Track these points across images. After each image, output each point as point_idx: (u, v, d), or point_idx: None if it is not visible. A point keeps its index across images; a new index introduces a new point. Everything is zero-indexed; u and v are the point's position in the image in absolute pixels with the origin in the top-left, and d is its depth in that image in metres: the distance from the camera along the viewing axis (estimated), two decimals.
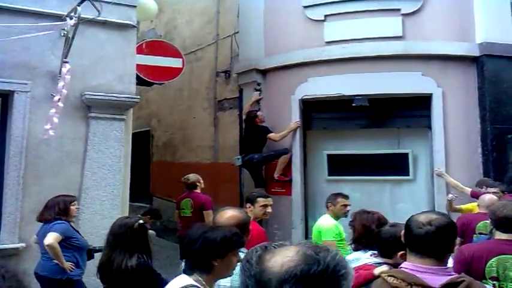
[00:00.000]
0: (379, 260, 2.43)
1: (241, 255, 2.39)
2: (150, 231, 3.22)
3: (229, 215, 2.47)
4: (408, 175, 6.23)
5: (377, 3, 6.27)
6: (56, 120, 4.18)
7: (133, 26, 5.07)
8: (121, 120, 4.90)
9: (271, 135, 6.45)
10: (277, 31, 6.89)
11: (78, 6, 4.16)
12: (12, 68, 4.43)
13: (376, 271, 2.18)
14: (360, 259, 2.56)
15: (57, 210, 3.82)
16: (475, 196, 5.55)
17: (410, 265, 1.86)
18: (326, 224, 4.34)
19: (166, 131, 10.30)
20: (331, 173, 6.55)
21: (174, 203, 6.43)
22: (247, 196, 3.96)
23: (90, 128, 4.73)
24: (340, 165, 6.54)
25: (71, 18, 4.28)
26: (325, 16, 6.49)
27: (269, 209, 3.74)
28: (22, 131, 4.42)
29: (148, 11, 6.50)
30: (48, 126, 4.17)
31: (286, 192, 6.52)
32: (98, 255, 3.36)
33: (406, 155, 6.25)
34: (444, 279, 1.76)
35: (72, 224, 3.97)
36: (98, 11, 4.45)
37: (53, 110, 4.15)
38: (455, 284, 1.73)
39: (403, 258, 2.05)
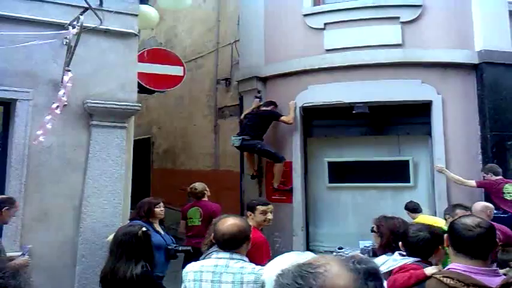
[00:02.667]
0: (416, 258, 2.54)
1: (217, 260, 2.41)
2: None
3: (230, 222, 2.48)
4: (409, 182, 6.24)
5: (376, 12, 6.32)
6: (49, 126, 4.18)
7: (135, 35, 5.10)
8: (122, 128, 4.91)
9: (283, 118, 6.44)
10: (277, 39, 6.94)
11: (81, 15, 4.20)
12: (14, 76, 4.45)
13: (428, 271, 2.26)
14: (396, 260, 2.64)
15: (142, 212, 4.07)
16: (481, 186, 5.60)
17: (462, 266, 1.94)
18: None
19: (167, 139, 10.33)
20: (332, 180, 6.56)
21: (175, 210, 6.43)
22: (247, 204, 3.97)
23: (91, 135, 4.74)
24: (341, 173, 6.55)
25: (74, 27, 4.31)
26: (325, 24, 6.53)
27: (270, 216, 3.76)
28: (24, 139, 4.43)
29: (149, 19, 6.52)
30: (39, 132, 4.17)
31: (287, 199, 6.52)
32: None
33: (406, 162, 6.27)
34: (497, 280, 1.84)
35: (154, 224, 4.12)
36: (100, 19, 4.50)
37: (49, 117, 4.15)
38: (509, 284, 1.79)
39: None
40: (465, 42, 6.24)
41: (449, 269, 1.99)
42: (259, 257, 3.21)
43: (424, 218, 4.78)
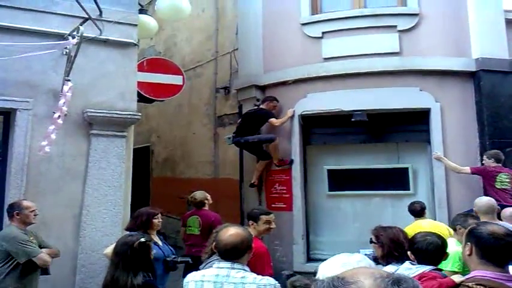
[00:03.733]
0: (431, 266, 2.57)
1: (218, 269, 2.41)
2: None
3: (232, 232, 2.49)
4: (409, 189, 6.24)
5: (373, 20, 6.37)
6: (53, 137, 4.20)
7: (135, 44, 5.13)
8: (122, 137, 4.93)
9: (272, 120, 6.49)
10: (275, 48, 6.98)
11: (81, 25, 4.23)
12: (14, 86, 4.47)
13: (456, 279, 2.31)
14: (411, 269, 2.62)
15: (139, 222, 3.88)
16: (476, 172, 5.63)
17: (491, 274, 1.95)
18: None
19: (166, 147, 10.34)
20: (331, 188, 6.56)
21: (174, 218, 6.43)
22: (248, 213, 3.95)
23: (91, 145, 4.76)
24: (341, 180, 6.55)
25: (73, 37, 4.34)
26: (323, 33, 6.58)
27: (273, 225, 3.76)
28: (24, 149, 4.44)
29: (148, 29, 6.57)
30: (44, 143, 4.19)
31: (287, 207, 6.52)
32: None
33: (406, 170, 6.28)
34: None
35: (152, 235, 3.95)
36: (100, 30, 4.54)
37: (52, 127, 4.18)
38: None
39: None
40: (462, 50, 6.28)
41: (475, 276, 2.00)
42: (261, 266, 3.22)
43: (431, 223, 4.76)
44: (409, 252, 2.68)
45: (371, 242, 3.12)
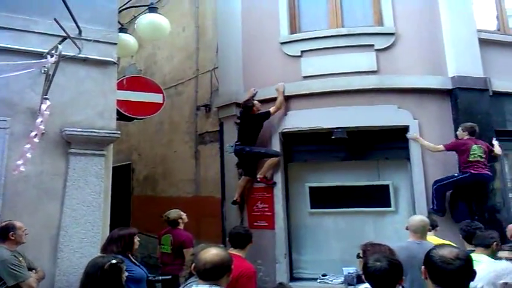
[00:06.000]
0: None
1: None
2: None
3: (212, 252, 2.45)
4: (390, 206, 6.29)
5: (351, 40, 6.49)
6: (29, 155, 4.13)
7: (114, 63, 5.11)
8: (101, 156, 4.86)
9: (272, 109, 6.46)
10: (255, 66, 7.05)
11: (59, 44, 4.20)
12: None
13: None
14: None
15: (123, 244, 3.77)
16: (450, 148, 5.78)
17: None
18: None
19: (147, 165, 10.24)
20: (313, 205, 6.57)
21: (155, 238, 6.34)
22: (248, 234, 3.90)
23: (69, 164, 4.68)
24: (323, 198, 6.57)
25: (52, 56, 4.30)
26: (302, 52, 6.68)
27: None
28: (0, 168, 4.35)
29: (128, 47, 6.59)
30: (20, 162, 4.11)
31: (269, 226, 6.49)
32: None
33: (386, 187, 6.33)
34: None
35: (132, 257, 3.91)
36: (79, 48, 4.52)
37: (28, 146, 4.11)
38: None
39: None
40: (438, 68, 6.43)
41: None
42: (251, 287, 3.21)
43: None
44: (363, 276, 2.55)
45: (358, 256, 3.12)
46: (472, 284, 2.23)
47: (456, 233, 4.55)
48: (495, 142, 5.96)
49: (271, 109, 6.47)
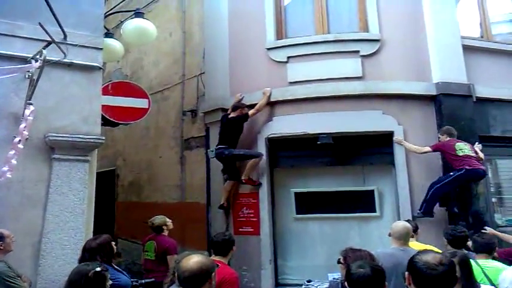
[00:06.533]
0: None
1: None
2: None
3: (193, 259, 2.44)
4: (375, 212, 6.33)
5: (337, 46, 6.54)
6: (14, 162, 4.08)
7: (100, 68, 5.08)
8: (85, 162, 4.81)
9: (250, 112, 6.43)
10: (242, 72, 7.06)
11: (44, 49, 4.16)
12: None
13: None
14: None
15: (106, 253, 3.65)
16: (436, 149, 5.86)
17: None
18: None
19: (132, 170, 10.16)
20: (299, 211, 6.58)
21: (139, 244, 6.28)
22: (226, 240, 3.86)
23: (53, 170, 4.62)
24: (308, 204, 6.58)
25: (36, 61, 4.26)
26: (288, 58, 6.71)
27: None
28: None
29: (114, 52, 6.55)
30: (5, 168, 4.05)
31: (255, 231, 6.47)
32: None
33: (371, 192, 6.37)
34: None
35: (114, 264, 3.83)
36: (64, 53, 4.47)
37: (12, 152, 4.06)
38: None
39: None
40: (423, 74, 6.50)
41: None
42: None
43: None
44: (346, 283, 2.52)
45: (338, 262, 3.14)
46: (500, 285, 2.27)
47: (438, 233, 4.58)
48: (478, 146, 6.05)
49: (250, 111, 6.45)
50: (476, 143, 6.09)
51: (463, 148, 5.69)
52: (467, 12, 7.22)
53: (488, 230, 5.40)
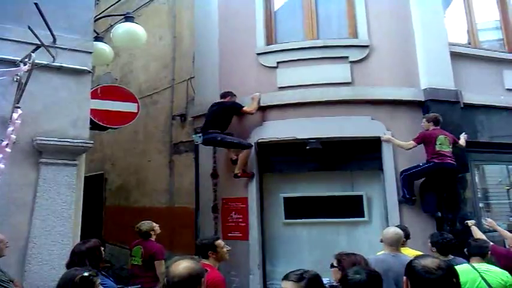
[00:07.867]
0: None
1: None
2: None
3: (182, 265, 2.42)
4: (363, 217, 6.36)
5: (326, 51, 6.59)
6: (2, 166, 4.04)
7: (89, 72, 5.05)
8: (73, 166, 4.77)
9: (245, 108, 6.46)
10: (231, 77, 7.06)
11: (33, 52, 4.13)
12: None
13: None
14: None
15: (95, 258, 3.58)
16: (419, 142, 5.90)
17: None
18: None
19: (120, 174, 10.10)
20: (287, 216, 6.58)
21: (128, 249, 6.24)
22: (204, 244, 3.89)
23: (40, 174, 4.57)
24: (297, 209, 6.59)
25: (25, 64, 4.23)
26: (278, 63, 6.74)
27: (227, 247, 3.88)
28: None
29: (104, 56, 6.51)
30: None
31: (243, 236, 6.47)
32: None
33: (360, 197, 6.41)
34: None
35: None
36: (53, 57, 4.45)
37: (0, 156, 4.02)
38: None
39: None
40: (411, 80, 6.57)
41: None
42: None
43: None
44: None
45: (332, 266, 3.13)
46: None
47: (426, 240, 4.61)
48: (463, 136, 6.17)
49: (244, 107, 6.47)
50: (463, 133, 6.21)
51: (443, 143, 5.78)
52: (455, 19, 7.33)
53: (489, 221, 5.51)
